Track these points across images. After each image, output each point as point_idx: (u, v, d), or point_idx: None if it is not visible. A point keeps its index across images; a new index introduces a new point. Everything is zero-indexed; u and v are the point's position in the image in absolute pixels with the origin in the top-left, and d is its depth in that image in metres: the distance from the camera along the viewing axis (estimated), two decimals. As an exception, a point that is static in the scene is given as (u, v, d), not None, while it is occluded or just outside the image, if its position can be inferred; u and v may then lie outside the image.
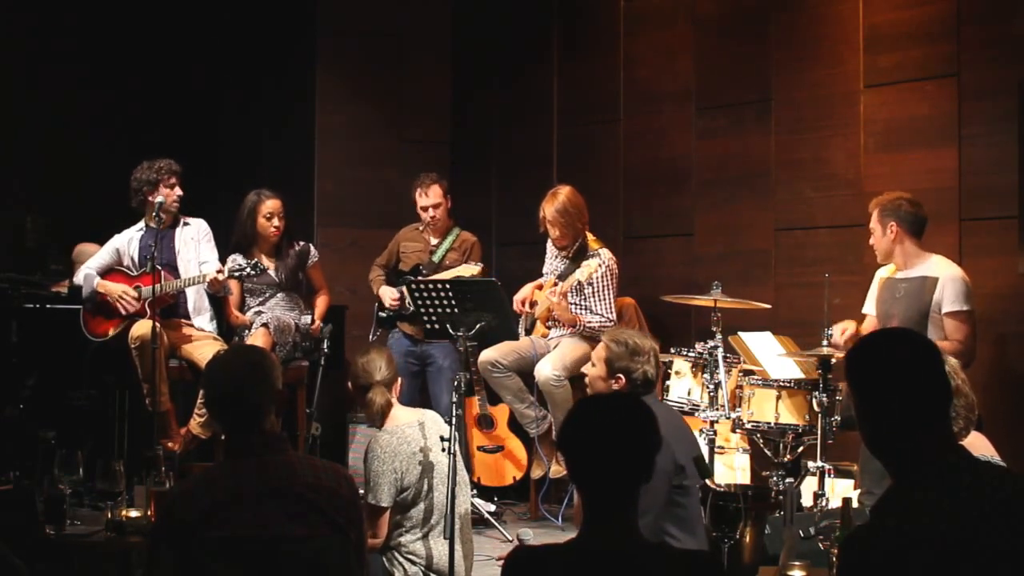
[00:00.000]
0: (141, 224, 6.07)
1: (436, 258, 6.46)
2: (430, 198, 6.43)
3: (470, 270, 6.15)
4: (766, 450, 5.36)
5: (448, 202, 6.51)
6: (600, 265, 5.81)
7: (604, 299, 5.95)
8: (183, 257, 6.06)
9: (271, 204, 6.26)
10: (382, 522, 4.25)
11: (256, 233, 6.27)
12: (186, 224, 6.16)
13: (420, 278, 6.07)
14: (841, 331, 5.16)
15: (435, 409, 4.95)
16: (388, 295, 6.43)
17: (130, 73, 7.85)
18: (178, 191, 6.03)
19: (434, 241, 6.53)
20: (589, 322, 5.91)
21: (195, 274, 5.94)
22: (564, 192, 6.01)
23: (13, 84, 7.44)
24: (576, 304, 5.95)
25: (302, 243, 6.46)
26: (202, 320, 6.13)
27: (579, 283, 5.77)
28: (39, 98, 7.50)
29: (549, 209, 5.99)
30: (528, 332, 6.20)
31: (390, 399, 4.36)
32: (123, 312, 5.89)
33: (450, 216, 6.58)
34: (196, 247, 6.12)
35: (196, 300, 6.11)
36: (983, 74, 5.55)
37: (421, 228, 6.58)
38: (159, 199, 5.90)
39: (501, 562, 2.51)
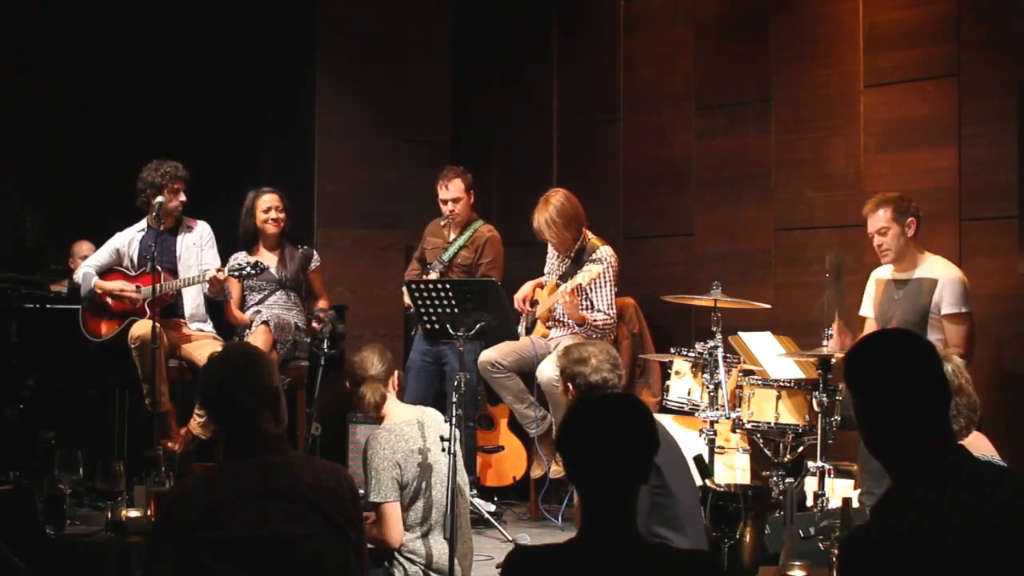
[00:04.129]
0: (143, 224, 6.05)
1: (447, 256, 6.45)
2: (450, 192, 6.42)
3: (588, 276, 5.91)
4: (766, 450, 5.35)
5: (470, 197, 6.47)
6: (604, 271, 5.82)
7: (606, 297, 5.95)
8: (184, 262, 6.05)
9: (268, 198, 6.30)
10: (392, 519, 4.23)
11: (256, 229, 6.30)
12: (189, 228, 6.15)
13: (420, 278, 6.07)
14: (835, 329, 5.14)
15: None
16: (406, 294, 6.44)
17: (130, 73, 7.85)
18: (181, 197, 6.01)
19: (452, 236, 6.53)
20: (594, 319, 5.92)
21: (195, 274, 5.94)
22: (553, 201, 5.95)
23: (13, 84, 7.44)
24: (578, 303, 5.96)
25: (305, 247, 6.46)
26: (200, 326, 6.13)
27: (579, 286, 5.77)
28: (39, 98, 7.50)
29: (539, 219, 5.96)
30: (528, 332, 6.20)
31: (384, 393, 4.37)
32: (128, 305, 5.88)
33: (473, 211, 6.56)
34: (198, 253, 6.10)
35: (194, 307, 6.09)
36: (983, 74, 5.56)
37: (443, 223, 6.59)
38: (159, 199, 5.89)
39: (499, 570, 2.51)
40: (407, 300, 6.36)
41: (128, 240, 6.08)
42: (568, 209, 5.95)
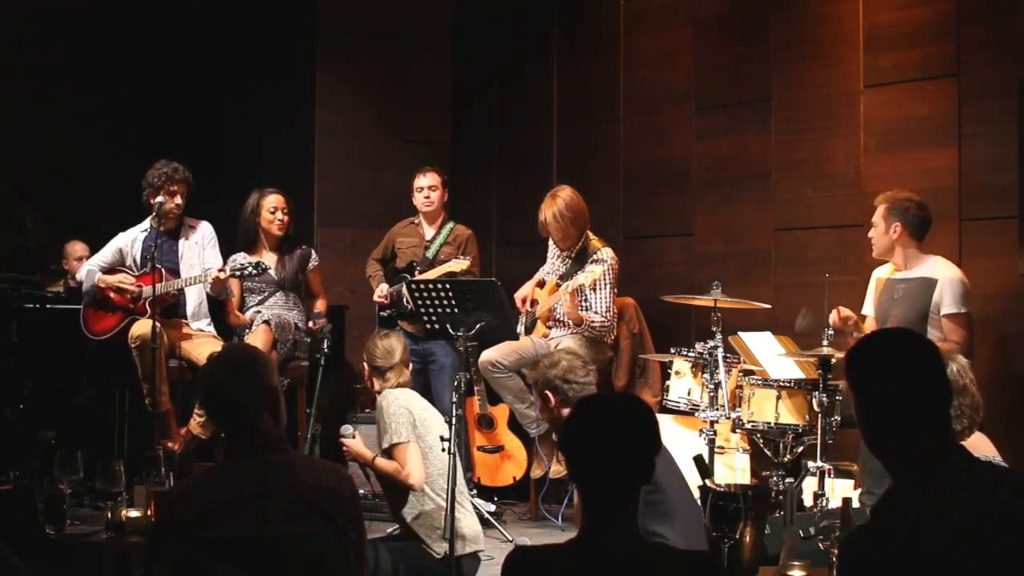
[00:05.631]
0: (146, 224, 6.05)
1: (430, 254, 6.48)
2: (427, 180, 6.52)
3: (460, 265, 6.17)
4: (766, 450, 5.35)
5: (444, 193, 6.55)
6: (605, 272, 5.83)
7: (604, 299, 5.96)
8: (186, 262, 6.05)
9: (274, 199, 6.31)
10: (413, 459, 4.40)
11: (260, 230, 6.30)
12: (191, 228, 6.15)
13: (418, 277, 6.07)
14: (838, 312, 5.16)
15: (437, 407, 4.97)
16: (377, 292, 6.48)
17: (130, 73, 7.85)
18: (178, 200, 6.01)
19: (428, 235, 6.55)
20: (591, 321, 5.92)
21: (197, 274, 5.94)
22: (562, 196, 6.00)
23: (13, 85, 7.44)
24: (578, 303, 5.96)
25: (304, 247, 6.48)
26: (200, 325, 6.13)
27: (582, 286, 5.78)
28: (39, 98, 7.50)
29: (547, 213, 5.99)
30: (528, 332, 6.20)
31: (408, 379, 4.65)
32: (129, 299, 5.88)
33: (445, 210, 6.61)
34: (200, 252, 6.10)
35: (196, 306, 6.10)
36: (983, 74, 5.55)
37: (416, 221, 6.61)
38: (159, 200, 5.90)
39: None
40: (379, 295, 6.43)
41: (131, 240, 6.09)
42: (576, 204, 6.00)
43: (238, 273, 5.83)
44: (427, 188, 6.50)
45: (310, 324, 6.21)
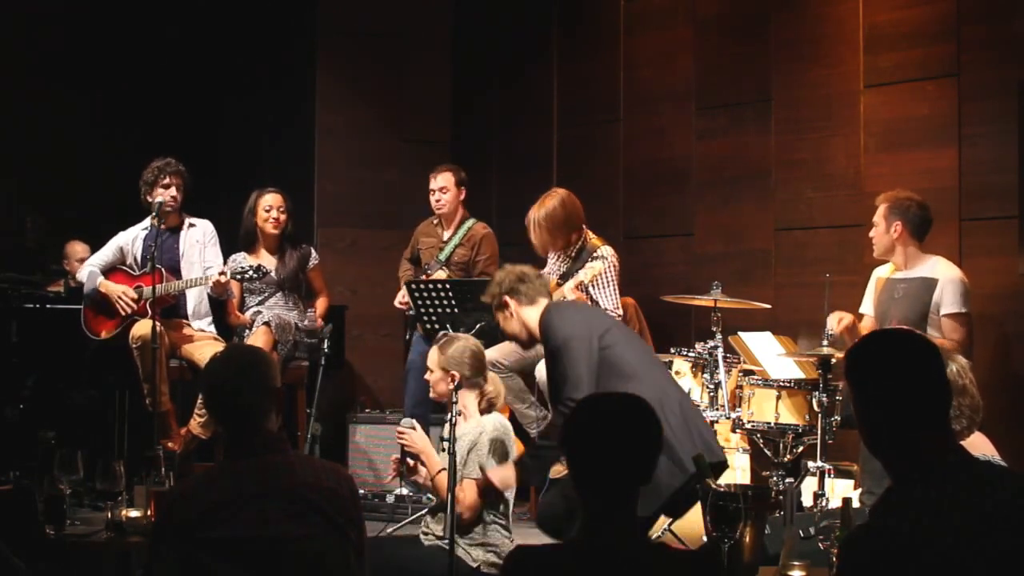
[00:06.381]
0: (147, 223, 6.03)
1: (443, 255, 6.46)
2: (438, 182, 6.48)
3: (445, 275, 6.18)
4: (766, 450, 5.35)
5: (460, 192, 6.51)
6: (606, 268, 5.83)
7: (611, 295, 5.95)
8: (187, 260, 6.04)
9: (270, 198, 6.30)
10: (473, 492, 4.33)
11: (257, 229, 6.29)
12: (192, 226, 6.13)
13: (420, 278, 6.07)
14: (837, 320, 5.16)
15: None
16: (399, 295, 6.46)
17: (130, 73, 7.85)
18: (172, 192, 5.95)
19: (446, 235, 6.54)
20: (607, 317, 5.92)
21: (198, 275, 5.93)
22: (547, 204, 5.84)
23: (13, 84, 7.45)
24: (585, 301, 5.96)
25: (304, 246, 6.47)
26: (201, 324, 6.12)
27: (582, 283, 5.77)
28: (39, 98, 7.50)
29: (529, 216, 5.91)
30: (528, 332, 6.18)
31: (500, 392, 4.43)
32: (121, 313, 5.89)
33: (463, 208, 6.58)
34: (201, 251, 6.08)
35: (196, 305, 6.09)
36: (983, 74, 5.56)
37: (436, 221, 6.61)
38: (158, 199, 5.89)
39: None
40: (400, 300, 6.41)
41: (132, 238, 6.08)
42: (559, 216, 5.83)
43: (238, 276, 5.82)
44: (438, 191, 6.46)
45: (306, 322, 6.20)
